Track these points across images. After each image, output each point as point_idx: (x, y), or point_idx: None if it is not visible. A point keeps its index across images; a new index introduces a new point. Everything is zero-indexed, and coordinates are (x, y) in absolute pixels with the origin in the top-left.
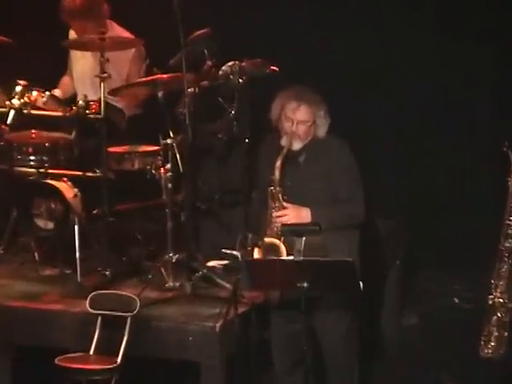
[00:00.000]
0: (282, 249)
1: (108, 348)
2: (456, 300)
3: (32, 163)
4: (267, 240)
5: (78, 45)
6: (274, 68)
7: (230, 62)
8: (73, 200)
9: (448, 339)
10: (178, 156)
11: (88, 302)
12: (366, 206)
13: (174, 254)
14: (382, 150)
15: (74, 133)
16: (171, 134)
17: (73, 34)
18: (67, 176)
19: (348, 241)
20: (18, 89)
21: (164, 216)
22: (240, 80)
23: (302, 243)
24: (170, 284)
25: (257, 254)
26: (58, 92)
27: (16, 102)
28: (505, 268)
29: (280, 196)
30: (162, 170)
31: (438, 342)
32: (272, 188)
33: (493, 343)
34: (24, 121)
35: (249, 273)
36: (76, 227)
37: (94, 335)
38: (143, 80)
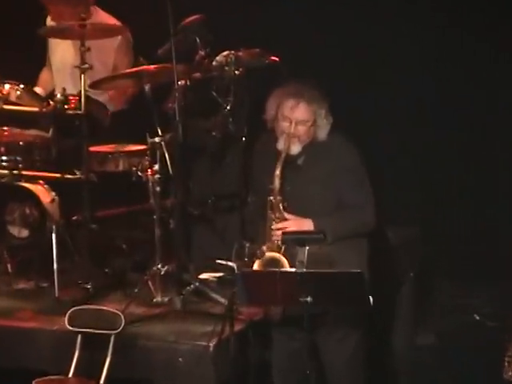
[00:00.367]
0: (284, 263)
1: (89, 370)
2: (477, 317)
3: (4, 164)
4: (267, 254)
5: (55, 32)
6: (275, 58)
7: (225, 52)
8: (50, 205)
9: (468, 361)
10: (167, 156)
11: (67, 319)
12: (375, 213)
13: (163, 265)
14: (391, 149)
15: (51, 130)
16: (159, 131)
17: (50, 22)
18: (44, 178)
19: (356, 250)
20: None
21: (152, 223)
22: (236, 72)
23: (305, 253)
24: (159, 299)
25: (257, 266)
26: (39, 90)
27: None
28: None
29: (280, 206)
30: (150, 171)
31: (456, 363)
32: (272, 198)
33: None
34: None
35: (246, 286)
36: (53, 235)
37: (73, 356)
38: (127, 72)
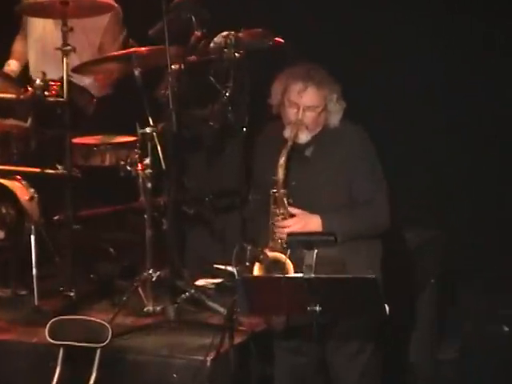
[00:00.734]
0: (289, 265)
1: None
2: (505, 328)
3: None
4: (270, 255)
5: (34, 10)
6: (279, 39)
7: (224, 33)
8: (28, 203)
9: (494, 377)
10: (159, 148)
11: (47, 331)
12: (389, 208)
13: (155, 270)
14: (411, 144)
15: (29, 120)
16: (151, 121)
17: None
18: (21, 173)
19: (369, 252)
20: None
21: (142, 223)
22: (236, 54)
23: (314, 257)
24: (150, 308)
25: (257, 270)
26: (14, 64)
27: None
28: None
29: (285, 200)
30: (140, 165)
31: (481, 380)
32: (275, 191)
33: None
34: None
35: (247, 293)
36: (32, 237)
37: (54, 372)
38: (115, 54)
